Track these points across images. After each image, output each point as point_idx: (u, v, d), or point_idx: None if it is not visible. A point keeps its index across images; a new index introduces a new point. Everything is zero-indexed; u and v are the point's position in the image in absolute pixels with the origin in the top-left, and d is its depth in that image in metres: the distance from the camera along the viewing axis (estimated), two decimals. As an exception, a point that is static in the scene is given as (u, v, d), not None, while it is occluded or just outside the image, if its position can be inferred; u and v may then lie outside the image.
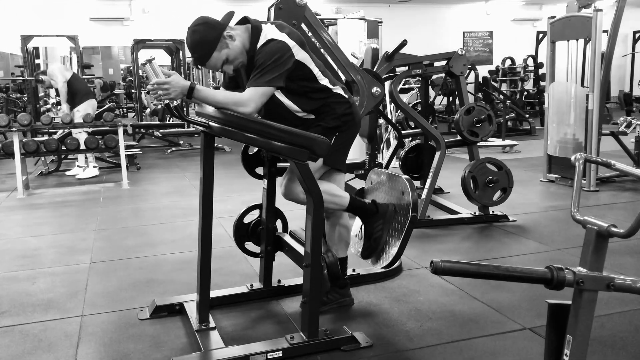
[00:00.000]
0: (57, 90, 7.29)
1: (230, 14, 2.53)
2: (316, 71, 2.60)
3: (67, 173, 7.43)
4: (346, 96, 2.70)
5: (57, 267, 3.81)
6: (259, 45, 2.47)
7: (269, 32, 2.48)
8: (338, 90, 2.68)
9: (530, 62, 12.48)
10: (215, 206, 2.72)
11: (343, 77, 3.38)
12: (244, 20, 2.58)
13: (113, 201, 5.85)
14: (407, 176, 2.78)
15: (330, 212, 2.80)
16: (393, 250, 2.71)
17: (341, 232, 2.93)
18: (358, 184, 4.91)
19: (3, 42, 12.53)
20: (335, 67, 3.32)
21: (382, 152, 6.22)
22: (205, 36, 2.43)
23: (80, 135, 6.90)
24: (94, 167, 7.31)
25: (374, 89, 3.41)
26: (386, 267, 2.80)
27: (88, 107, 7.09)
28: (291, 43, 2.47)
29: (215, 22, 2.47)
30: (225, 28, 2.46)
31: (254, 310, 3.01)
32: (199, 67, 3.09)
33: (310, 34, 3.40)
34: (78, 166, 7.40)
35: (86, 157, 7.30)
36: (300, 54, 2.50)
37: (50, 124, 6.56)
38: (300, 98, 2.59)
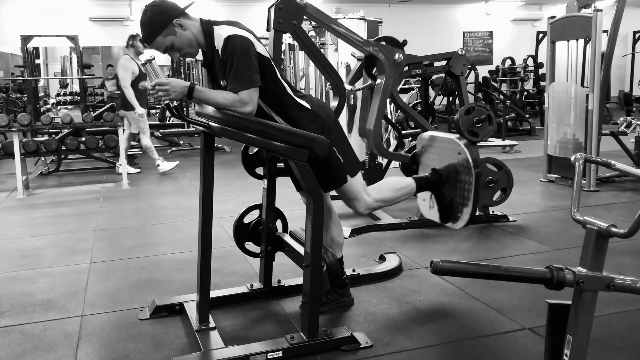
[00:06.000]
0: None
1: (190, 3, 2.52)
2: (277, 70, 2.57)
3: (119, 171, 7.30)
4: (308, 105, 2.63)
5: (57, 267, 3.81)
6: (218, 45, 2.42)
7: (224, 30, 2.43)
8: (299, 100, 2.61)
9: (530, 62, 12.48)
10: (215, 206, 2.73)
11: (344, 76, 3.37)
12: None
13: (113, 201, 5.85)
14: (456, 134, 2.79)
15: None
16: (468, 209, 2.76)
17: (333, 234, 2.94)
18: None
19: (3, 42, 12.53)
20: (340, 63, 3.32)
21: (382, 152, 6.22)
22: (153, 19, 2.42)
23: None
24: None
25: (396, 56, 3.42)
26: (465, 225, 2.84)
27: None
28: (249, 36, 2.45)
29: (169, 8, 2.44)
30: (178, 15, 2.43)
31: (254, 310, 3.01)
32: (145, 45, 3.13)
33: (311, 33, 3.40)
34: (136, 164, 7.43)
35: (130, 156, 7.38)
36: (259, 47, 2.48)
37: (50, 124, 6.56)
38: (269, 96, 2.56)
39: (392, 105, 6.23)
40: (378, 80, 3.71)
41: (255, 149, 2.94)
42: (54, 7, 12.50)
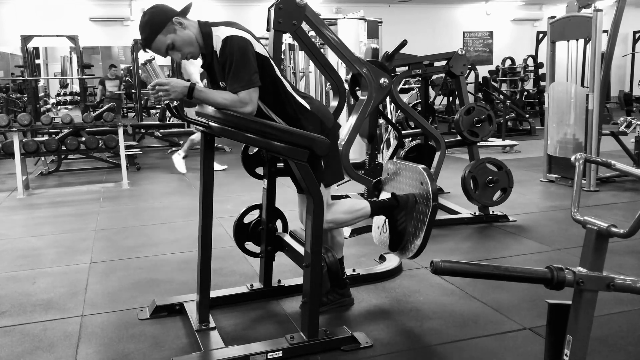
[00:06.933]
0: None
1: (189, 5, 2.52)
2: (277, 69, 2.57)
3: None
4: (308, 106, 2.62)
5: (57, 267, 3.82)
6: (216, 47, 2.42)
7: (222, 31, 2.43)
8: (300, 100, 2.61)
9: (530, 62, 12.48)
10: (215, 206, 2.72)
11: (344, 76, 3.37)
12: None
13: (113, 201, 5.85)
14: (424, 165, 2.79)
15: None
16: (418, 241, 2.74)
17: (334, 235, 2.93)
18: (357, 184, 4.91)
19: (3, 42, 12.53)
20: (340, 63, 3.31)
21: (382, 152, 6.22)
22: (153, 18, 2.42)
23: None
24: None
25: (382, 80, 3.43)
26: (412, 257, 2.81)
27: None
28: (248, 36, 2.44)
29: (168, 9, 2.46)
30: (177, 15, 2.44)
31: (254, 310, 3.01)
32: (146, 50, 3.06)
33: (311, 33, 3.40)
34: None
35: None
36: (258, 47, 2.47)
37: (50, 124, 6.56)
38: (268, 96, 2.55)
39: (392, 105, 6.23)
40: (360, 98, 3.72)
41: (255, 149, 2.94)
42: (54, 7, 12.50)
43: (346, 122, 3.75)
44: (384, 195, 3.04)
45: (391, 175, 3.04)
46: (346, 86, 3.87)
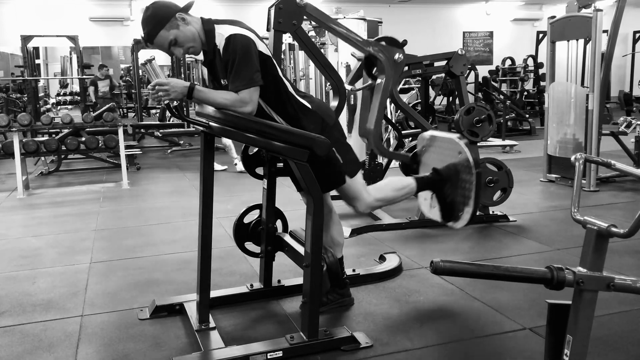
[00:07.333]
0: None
1: (192, 1, 2.53)
2: (278, 69, 2.57)
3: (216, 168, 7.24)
4: (309, 106, 2.63)
5: (57, 267, 3.81)
6: (219, 44, 2.42)
7: (226, 29, 2.43)
8: (301, 99, 2.62)
9: (530, 62, 12.48)
10: (215, 206, 2.72)
11: (344, 76, 3.36)
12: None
13: (113, 201, 5.85)
14: (457, 134, 2.80)
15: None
16: (469, 209, 2.76)
17: (334, 234, 2.94)
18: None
19: (3, 42, 12.53)
20: (340, 63, 3.31)
21: (382, 152, 6.22)
22: (157, 13, 2.42)
23: None
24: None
25: (396, 56, 3.42)
26: (466, 224, 2.85)
27: None
28: (251, 35, 2.45)
29: (171, 4, 2.46)
30: (180, 10, 2.45)
31: (254, 310, 3.01)
32: (147, 45, 3.01)
33: (311, 33, 3.40)
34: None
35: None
36: (261, 46, 2.47)
37: (50, 124, 6.56)
38: (270, 95, 2.55)
39: (392, 105, 6.23)
40: (378, 80, 3.71)
41: (255, 149, 2.94)
42: (54, 7, 12.50)
43: (368, 108, 3.71)
44: (424, 168, 3.05)
45: (426, 147, 3.03)
46: (347, 86, 3.87)
